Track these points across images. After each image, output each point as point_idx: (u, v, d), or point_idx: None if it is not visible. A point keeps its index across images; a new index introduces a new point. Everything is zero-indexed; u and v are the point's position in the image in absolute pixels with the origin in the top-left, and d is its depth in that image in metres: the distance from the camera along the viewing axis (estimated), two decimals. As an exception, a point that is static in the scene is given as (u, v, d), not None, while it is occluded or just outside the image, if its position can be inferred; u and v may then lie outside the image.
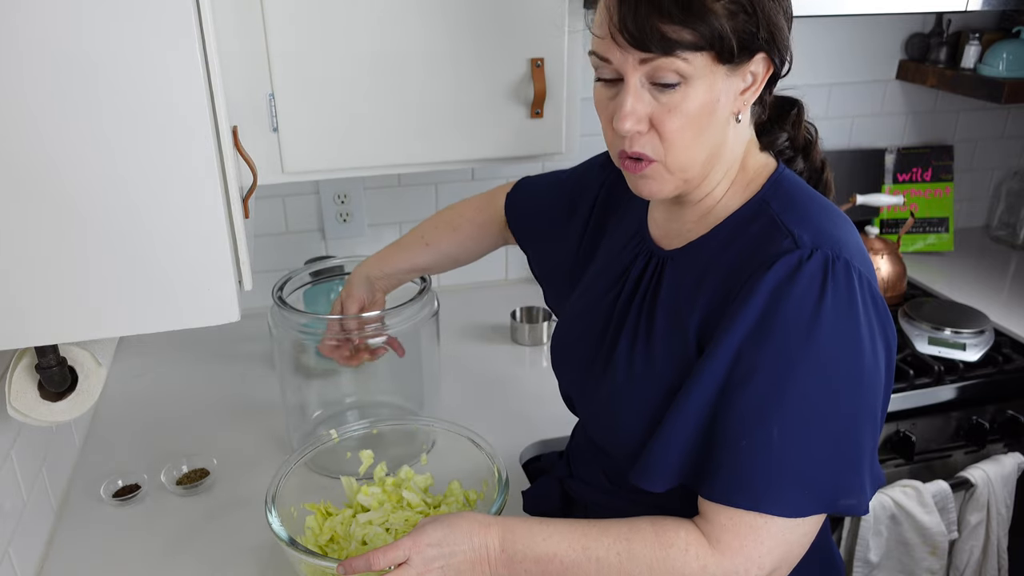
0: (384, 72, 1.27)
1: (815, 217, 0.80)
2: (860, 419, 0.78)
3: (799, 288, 0.75)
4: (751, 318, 0.76)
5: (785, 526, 0.77)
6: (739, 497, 0.77)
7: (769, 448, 0.76)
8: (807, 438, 0.76)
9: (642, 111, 0.79)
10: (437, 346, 1.30)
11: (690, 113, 0.78)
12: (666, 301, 0.87)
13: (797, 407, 0.75)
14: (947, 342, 1.60)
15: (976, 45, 1.87)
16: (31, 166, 0.72)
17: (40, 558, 1.10)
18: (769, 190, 0.84)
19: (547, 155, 1.41)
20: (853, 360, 0.76)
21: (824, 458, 0.76)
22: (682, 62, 0.75)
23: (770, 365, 0.75)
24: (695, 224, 0.88)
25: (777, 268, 0.76)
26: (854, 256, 0.77)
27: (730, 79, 0.78)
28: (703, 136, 0.80)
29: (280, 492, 0.99)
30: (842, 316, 0.75)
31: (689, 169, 0.82)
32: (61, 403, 0.97)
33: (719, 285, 0.82)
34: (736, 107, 0.80)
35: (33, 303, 0.77)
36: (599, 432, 0.94)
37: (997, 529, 1.51)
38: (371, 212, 1.81)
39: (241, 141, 0.87)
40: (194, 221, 0.78)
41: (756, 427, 0.76)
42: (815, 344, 0.75)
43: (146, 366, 1.59)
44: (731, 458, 0.77)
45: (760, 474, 0.76)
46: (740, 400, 0.77)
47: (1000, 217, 2.23)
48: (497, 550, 0.83)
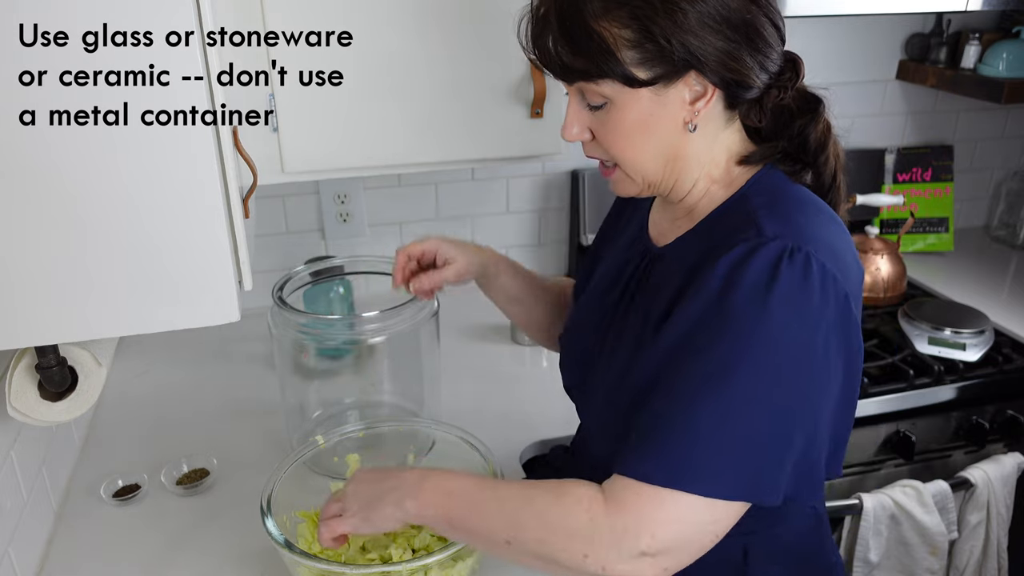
0: (384, 72, 1.27)
1: (790, 213, 0.80)
2: (797, 414, 0.75)
3: (752, 271, 0.74)
4: (703, 298, 0.76)
5: (694, 504, 0.74)
6: (653, 469, 0.74)
7: (697, 426, 0.74)
8: (737, 422, 0.74)
9: (583, 123, 0.84)
10: (437, 346, 1.30)
11: (622, 129, 0.81)
12: (646, 299, 0.87)
13: (733, 390, 0.73)
14: (947, 342, 1.60)
15: (976, 45, 1.87)
16: (31, 166, 0.72)
17: (40, 558, 1.10)
18: (751, 187, 0.84)
19: (547, 155, 1.41)
20: (800, 353, 0.74)
21: (751, 446, 0.74)
22: (595, 86, 0.79)
23: (714, 344, 0.75)
24: (683, 221, 0.89)
25: (734, 252, 0.76)
26: (820, 251, 0.75)
27: (663, 96, 0.79)
28: (646, 147, 0.82)
29: (276, 495, 0.99)
30: (795, 306, 0.73)
31: (646, 174, 0.84)
32: (61, 403, 0.97)
33: (683, 277, 0.82)
34: (687, 117, 0.80)
35: (33, 303, 0.77)
36: (591, 427, 0.96)
37: (997, 529, 1.51)
38: (371, 212, 1.81)
39: (241, 141, 0.87)
40: (194, 221, 0.78)
41: (689, 403, 0.74)
42: (761, 330, 0.73)
43: (146, 366, 1.59)
44: (652, 433, 0.76)
45: (682, 449, 0.74)
46: (678, 375, 0.76)
47: (1000, 217, 2.23)
48: (414, 480, 0.86)
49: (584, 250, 1.88)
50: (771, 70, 0.81)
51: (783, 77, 0.82)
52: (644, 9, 0.74)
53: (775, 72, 0.81)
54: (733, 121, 0.85)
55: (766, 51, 0.79)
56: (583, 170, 1.85)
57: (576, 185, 1.86)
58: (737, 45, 0.77)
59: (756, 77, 0.79)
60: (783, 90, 0.82)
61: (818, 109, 0.86)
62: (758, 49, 0.78)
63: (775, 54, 0.80)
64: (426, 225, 1.86)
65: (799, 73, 0.83)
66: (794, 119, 0.85)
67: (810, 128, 0.85)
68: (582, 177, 1.84)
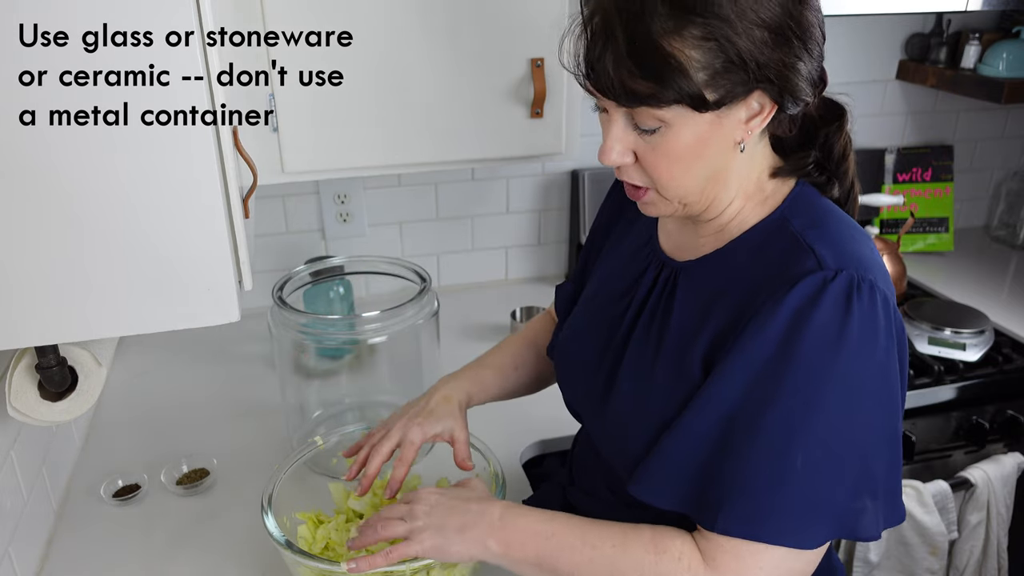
0: (384, 72, 1.27)
1: (837, 235, 0.77)
2: (880, 446, 0.75)
3: (824, 310, 0.71)
4: (772, 339, 0.73)
5: (789, 554, 0.74)
6: (749, 528, 0.74)
7: (792, 478, 0.72)
8: (829, 467, 0.73)
9: (626, 145, 0.78)
10: (437, 346, 1.30)
11: (674, 154, 0.76)
12: (679, 315, 0.84)
13: (822, 435, 0.72)
14: (947, 342, 1.60)
15: (976, 45, 1.87)
16: (31, 166, 0.72)
17: (40, 558, 1.10)
18: (789, 206, 0.81)
19: (547, 155, 1.41)
20: (877, 386, 0.74)
21: (842, 487, 0.74)
22: (657, 110, 0.73)
23: (795, 390, 0.72)
24: (710, 238, 0.85)
25: (800, 288, 0.73)
26: (878, 277, 0.74)
27: (723, 118, 0.74)
28: (692, 170, 0.77)
29: (276, 495, 0.99)
30: (867, 341, 0.72)
31: (686, 197, 0.80)
32: (61, 403, 0.97)
33: (734, 304, 0.78)
34: (739, 136, 0.76)
35: (33, 303, 0.77)
36: (608, 447, 0.92)
37: (997, 529, 1.51)
38: (371, 212, 1.81)
39: (241, 141, 0.87)
40: (194, 221, 0.78)
41: (780, 455, 0.72)
42: (840, 370, 0.71)
43: (146, 366, 1.59)
44: (746, 488, 0.74)
45: (779, 505, 0.73)
46: (761, 426, 0.73)
47: (1000, 217, 2.23)
48: (496, 517, 0.84)
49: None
50: (815, 80, 0.77)
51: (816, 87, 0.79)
52: (721, 27, 0.69)
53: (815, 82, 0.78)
54: (764, 135, 0.81)
55: (818, 61, 0.76)
56: (583, 170, 1.85)
57: (576, 185, 1.86)
58: (797, 58, 0.73)
59: (808, 90, 0.76)
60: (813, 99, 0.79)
61: (843, 118, 0.83)
62: (813, 59, 0.75)
63: (820, 63, 0.77)
64: (426, 225, 1.86)
65: (825, 80, 0.80)
66: (818, 128, 0.83)
67: (835, 137, 0.83)
68: (582, 177, 1.84)
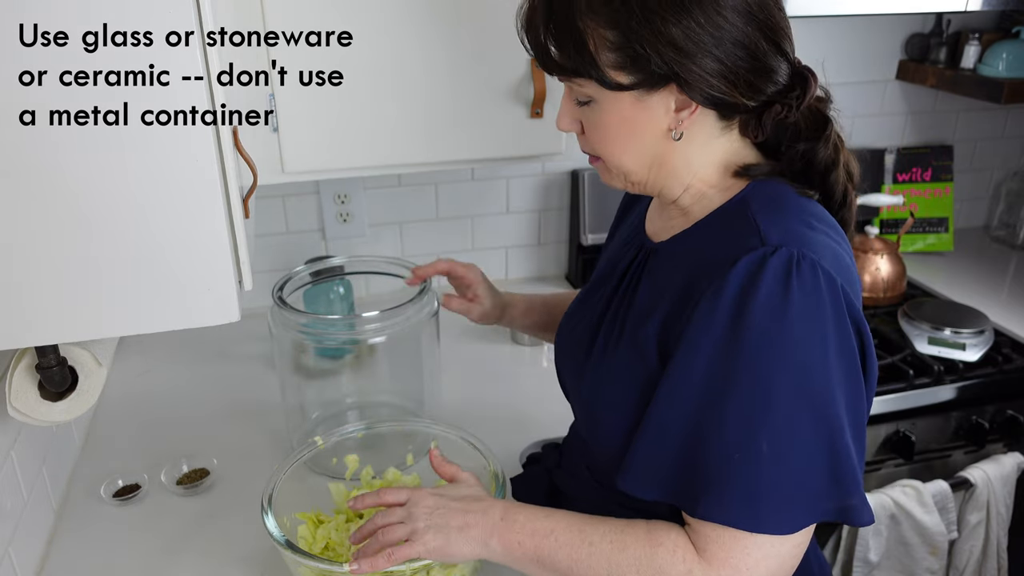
0: (384, 72, 1.27)
1: (791, 218, 0.78)
2: (843, 421, 0.75)
3: (765, 286, 0.72)
4: (720, 321, 0.74)
5: (775, 540, 0.76)
6: (729, 517, 0.75)
7: (760, 464, 0.73)
8: (795, 448, 0.74)
9: (573, 116, 0.84)
10: (437, 346, 1.31)
11: (605, 128, 0.81)
12: (642, 296, 0.86)
13: (782, 416, 0.73)
14: (947, 342, 1.60)
15: (976, 45, 1.87)
16: (31, 166, 0.72)
17: (40, 558, 1.10)
18: (752, 189, 0.82)
19: (547, 155, 1.41)
20: (831, 364, 0.74)
21: (814, 466, 0.75)
22: (578, 85, 0.79)
23: (747, 373, 0.73)
24: (680, 219, 0.87)
25: (740, 265, 0.74)
26: (823, 257, 0.74)
27: (645, 102, 0.77)
28: (628, 148, 0.81)
29: (276, 495, 0.99)
30: (811, 317, 0.72)
31: (628, 174, 0.84)
32: (61, 403, 0.97)
33: (682, 285, 0.80)
34: (670, 124, 0.79)
35: (33, 303, 0.77)
36: (584, 427, 0.95)
37: (997, 529, 1.51)
38: (371, 212, 1.81)
39: (241, 141, 0.87)
40: (194, 221, 0.78)
41: (744, 442, 0.74)
42: (789, 349, 0.72)
43: (146, 366, 1.59)
44: (720, 476, 0.75)
45: (752, 493, 0.74)
46: (724, 414, 0.74)
47: (1000, 217, 2.23)
48: (497, 517, 0.85)
49: (584, 250, 1.88)
50: (768, 90, 0.78)
51: (790, 95, 0.79)
52: (623, 14, 0.73)
53: (777, 91, 0.78)
54: (731, 130, 0.82)
55: (763, 73, 0.76)
56: (583, 170, 1.85)
57: (576, 185, 1.87)
58: (725, 67, 0.74)
59: (745, 98, 0.76)
60: (787, 108, 0.79)
61: (824, 131, 0.83)
62: (752, 71, 0.76)
63: (777, 74, 0.77)
64: (426, 225, 1.86)
65: (807, 92, 0.79)
66: (799, 139, 0.83)
67: (817, 150, 0.83)
68: (582, 177, 1.84)
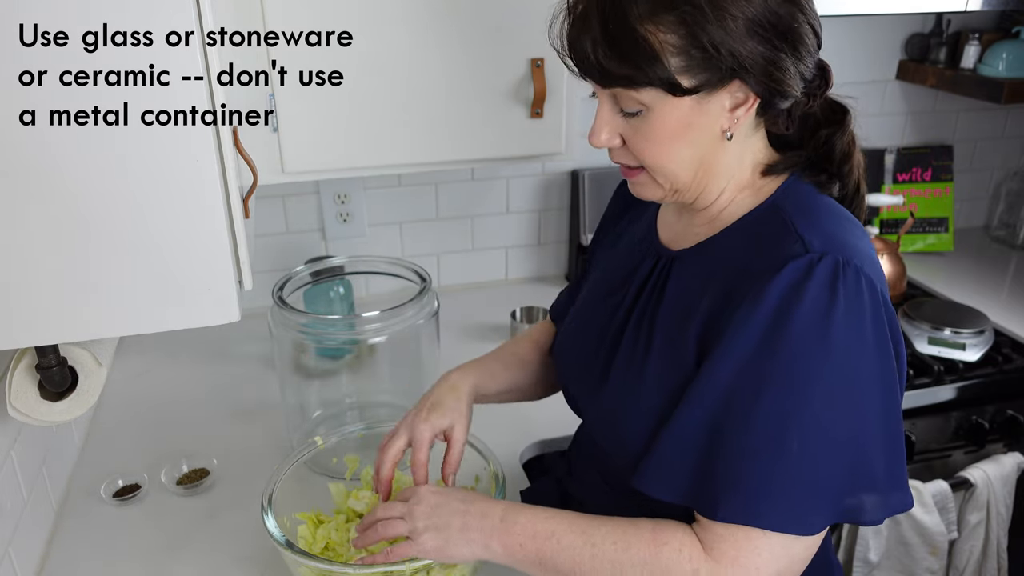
0: (384, 72, 1.27)
1: (826, 222, 0.78)
2: (877, 429, 0.75)
3: (810, 293, 0.72)
4: (760, 325, 0.73)
5: (788, 539, 0.75)
6: (749, 516, 0.74)
7: (789, 463, 0.73)
8: (825, 451, 0.73)
9: (614, 128, 0.80)
10: (437, 346, 1.30)
11: (658, 137, 0.78)
12: (670, 303, 0.85)
13: (817, 418, 0.72)
14: (947, 342, 1.60)
15: (976, 45, 1.87)
16: (31, 166, 0.72)
17: (40, 558, 1.10)
18: (781, 194, 0.82)
19: (547, 155, 1.41)
20: (869, 369, 0.74)
21: (840, 471, 0.74)
22: (635, 93, 0.75)
23: (786, 374, 0.72)
24: (705, 227, 0.86)
25: (786, 272, 0.73)
26: (864, 263, 0.75)
27: (704, 104, 0.76)
28: (678, 155, 0.79)
29: (276, 495, 0.99)
30: (855, 323, 0.73)
31: (675, 181, 0.81)
32: (61, 403, 0.97)
33: (723, 289, 0.79)
34: (726, 124, 0.78)
35: (33, 303, 0.77)
36: (605, 438, 0.92)
37: (997, 529, 1.51)
38: (371, 212, 1.81)
39: (241, 141, 0.87)
40: (194, 221, 0.78)
41: (775, 441, 0.73)
42: (830, 353, 0.72)
43: (146, 366, 1.59)
44: (744, 474, 0.74)
45: (777, 491, 0.73)
46: (754, 412, 0.73)
47: (1000, 217, 2.23)
48: (498, 518, 0.84)
49: (584, 250, 1.88)
50: (808, 78, 0.79)
51: (813, 85, 0.80)
52: (694, 15, 0.71)
53: (809, 80, 0.79)
54: (759, 129, 0.83)
55: (806, 59, 0.77)
56: (583, 170, 1.85)
57: (576, 185, 1.87)
58: (782, 53, 0.74)
59: (795, 86, 0.77)
60: (812, 98, 0.80)
61: (845, 119, 0.84)
62: (800, 57, 0.76)
63: (812, 61, 0.78)
64: (426, 225, 1.86)
65: (828, 81, 0.81)
66: (820, 128, 0.84)
67: (836, 138, 0.84)
68: (582, 177, 1.84)
